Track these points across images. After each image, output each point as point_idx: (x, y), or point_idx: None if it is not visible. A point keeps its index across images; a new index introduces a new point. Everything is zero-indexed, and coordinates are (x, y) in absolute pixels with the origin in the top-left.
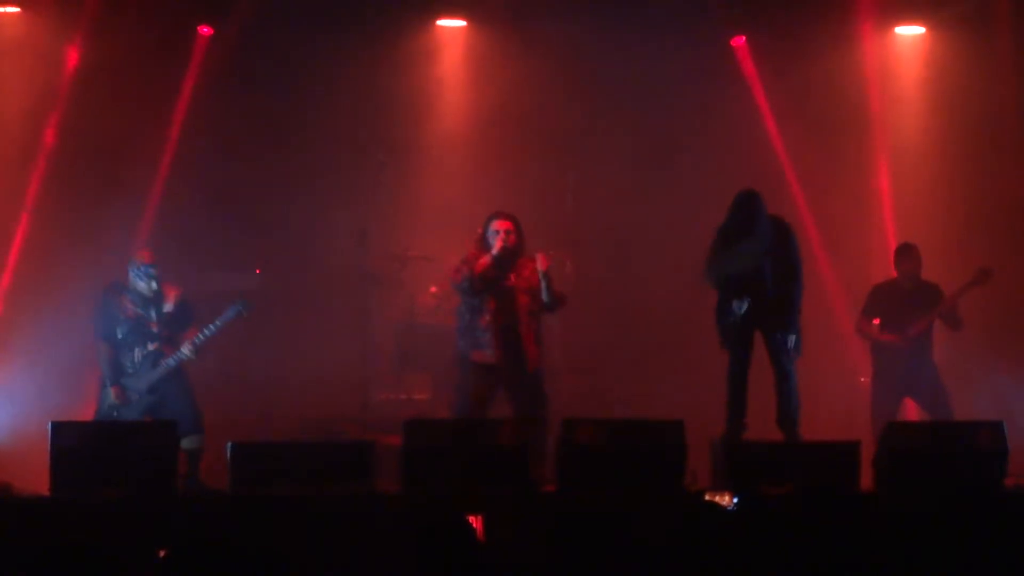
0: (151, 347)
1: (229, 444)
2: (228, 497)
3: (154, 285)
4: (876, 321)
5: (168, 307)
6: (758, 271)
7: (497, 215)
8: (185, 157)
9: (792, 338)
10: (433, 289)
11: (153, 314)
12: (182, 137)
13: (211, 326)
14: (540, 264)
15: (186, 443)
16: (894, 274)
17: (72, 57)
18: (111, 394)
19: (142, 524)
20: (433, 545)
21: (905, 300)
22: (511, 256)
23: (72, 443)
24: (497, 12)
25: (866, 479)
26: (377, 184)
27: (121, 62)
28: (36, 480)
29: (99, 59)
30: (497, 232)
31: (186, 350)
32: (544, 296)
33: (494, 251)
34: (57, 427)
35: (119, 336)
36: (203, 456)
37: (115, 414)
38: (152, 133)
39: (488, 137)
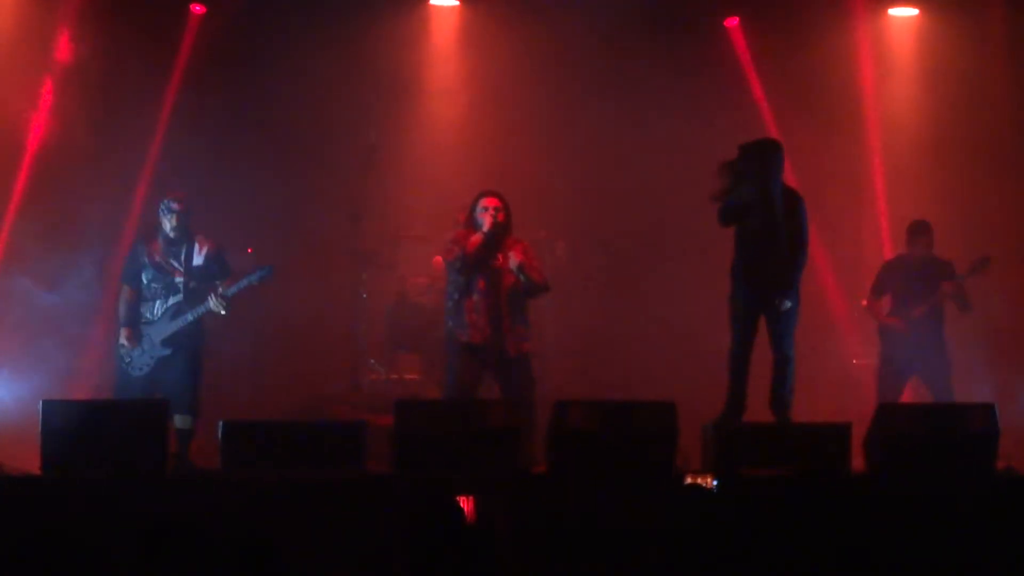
0: (172, 300)
1: (220, 422)
2: (218, 477)
3: (177, 223)
4: (887, 298)
5: (198, 260)
6: (774, 237)
7: (486, 193)
8: (177, 136)
9: (788, 303)
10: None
11: (180, 263)
12: (174, 116)
13: (241, 283)
14: (513, 260)
15: (179, 422)
16: (904, 251)
17: (64, 35)
18: (122, 335)
19: (132, 503)
20: (423, 526)
21: (914, 276)
22: (500, 235)
23: (63, 422)
24: None
25: (858, 461)
26: (369, 164)
27: (113, 41)
28: (31, 458)
29: (92, 38)
30: (486, 209)
31: (212, 303)
32: (524, 283)
33: (485, 228)
34: (48, 406)
35: (144, 282)
36: (194, 437)
37: (128, 359)
38: (143, 112)
39: (480, 117)
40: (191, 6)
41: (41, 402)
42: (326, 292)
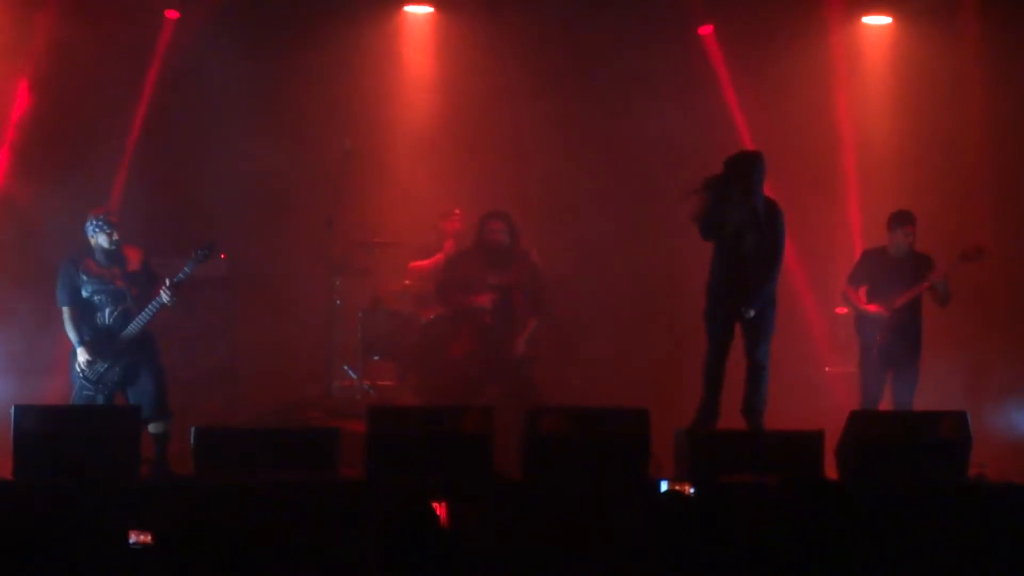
0: (121, 306)
1: (193, 429)
2: (192, 483)
3: (115, 236)
4: (863, 289)
5: (134, 267)
6: (746, 247)
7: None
8: (150, 142)
9: (752, 312)
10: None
11: (120, 272)
12: (147, 122)
13: (185, 269)
14: None
15: (153, 428)
16: (884, 243)
17: (37, 40)
18: (83, 352)
19: (105, 509)
20: (397, 531)
21: (894, 269)
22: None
23: (35, 427)
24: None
25: (830, 469)
26: (344, 170)
27: (86, 47)
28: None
29: (64, 44)
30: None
31: (164, 296)
32: None
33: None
34: (20, 410)
35: (84, 295)
36: (170, 439)
37: (91, 374)
38: (116, 118)
39: (454, 125)
40: (165, 12)
41: (13, 407)
42: (300, 298)
